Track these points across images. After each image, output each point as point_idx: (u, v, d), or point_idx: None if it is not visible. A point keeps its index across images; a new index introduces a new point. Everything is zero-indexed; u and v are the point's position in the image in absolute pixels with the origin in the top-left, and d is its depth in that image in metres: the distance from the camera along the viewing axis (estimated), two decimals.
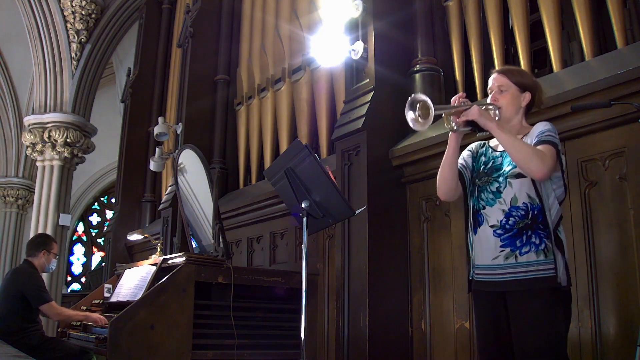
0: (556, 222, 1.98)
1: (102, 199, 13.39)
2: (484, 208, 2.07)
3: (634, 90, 2.42)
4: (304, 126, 4.77)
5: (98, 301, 4.42)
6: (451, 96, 3.67)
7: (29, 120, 7.72)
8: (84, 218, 13.27)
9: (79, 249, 13.18)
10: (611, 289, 2.47)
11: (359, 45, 3.63)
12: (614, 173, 2.54)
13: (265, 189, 4.54)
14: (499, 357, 2.04)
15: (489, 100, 2.17)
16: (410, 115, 2.01)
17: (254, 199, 4.70)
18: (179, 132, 5.59)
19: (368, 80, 3.63)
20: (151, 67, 7.61)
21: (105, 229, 8.58)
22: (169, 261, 3.63)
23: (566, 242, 2.01)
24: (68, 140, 7.51)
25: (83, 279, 12.86)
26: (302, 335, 2.47)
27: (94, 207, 13.44)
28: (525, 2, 3.30)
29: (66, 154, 7.56)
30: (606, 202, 2.55)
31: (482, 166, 2.16)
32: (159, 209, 5.99)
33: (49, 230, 7.10)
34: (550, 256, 1.94)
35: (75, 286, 12.80)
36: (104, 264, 8.48)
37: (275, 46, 5.27)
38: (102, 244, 12.48)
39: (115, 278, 4.49)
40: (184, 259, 3.43)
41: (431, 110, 1.94)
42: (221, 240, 3.72)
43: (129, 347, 3.09)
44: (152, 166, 5.74)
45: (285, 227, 4.43)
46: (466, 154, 2.24)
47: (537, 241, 1.95)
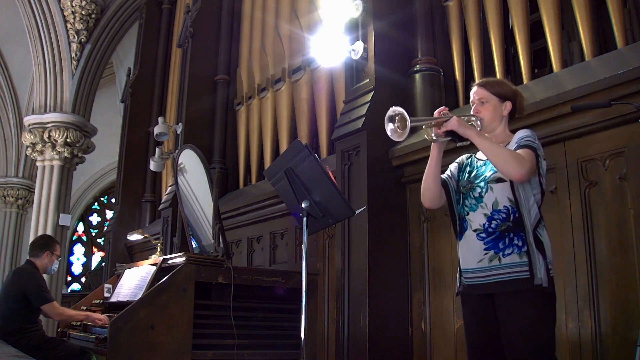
0: (534, 224, 2.02)
1: (102, 199, 13.39)
2: (468, 214, 2.14)
3: (634, 90, 2.42)
4: (304, 126, 4.77)
5: (98, 301, 4.42)
6: (451, 96, 3.74)
7: (29, 120, 7.72)
8: (84, 218, 13.27)
9: (79, 249, 13.18)
10: (611, 289, 2.46)
11: (359, 45, 3.63)
12: (614, 173, 2.54)
13: (265, 189, 4.54)
14: (488, 359, 2.07)
15: (471, 112, 2.24)
16: (389, 127, 2.11)
17: (254, 199, 4.70)
18: (179, 132, 5.60)
19: (368, 80, 3.63)
20: (151, 67, 7.61)
21: (105, 229, 8.58)
22: (169, 261, 3.63)
23: (549, 244, 2.04)
24: (68, 140, 7.51)
25: (83, 279, 12.85)
26: (302, 335, 2.47)
27: (94, 207, 13.44)
28: (525, 2, 3.30)
29: (66, 154, 7.56)
30: (606, 202, 2.55)
31: (467, 175, 2.23)
32: (159, 209, 5.99)
33: (49, 230, 7.10)
34: (532, 257, 1.97)
35: (75, 286, 12.80)
36: (104, 264, 8.47)
37: (275, 46, 5.27)
38: (102, 244, 12.48)
39: (115, 278, 4.49)
40: (184, 259, 3.43)
41: (408, 122, 2.03)
42: (221, 240, 3.71)
43: (129, 347, 3.09)
44: (152, 166, 5.74)
45: (285, 227, 4.43)
46: (453, 166, 2.32)
47: (520, 243, 2.00)
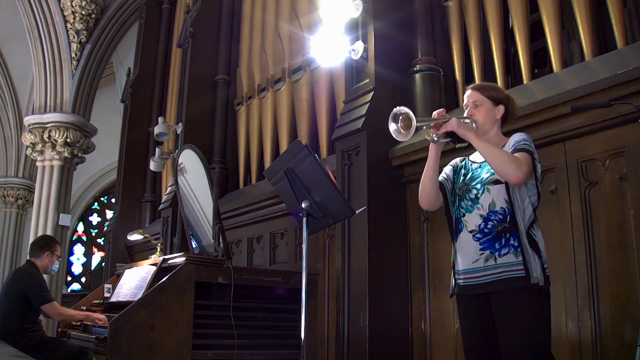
0: (528, 225, 2.04)
1: (102, 199, 13.39)
2: (463, 215, 2.15)
3: (634, 90, 2.42)
4: (304, 126, 4.77)
5: (98, 301, 4.42)
6: (451, 96, 3.74)
7: (29, 120, 7.72)
8: (84, 218, 13.27)
9: (79, 249, 13.18)
10: (611, 289, 2.46)
11: (359, 45, 3.63)
12: (614, 173, 2.54)
13: (265, 189, 4.54)
14: (485, 359, 2.08)
15: (465, 114, 2.26)
16: (392, 127, 2.13)
17: (254, 199, 4.70)
18: (179, 132, 5.60)
19: (368, 80, 3.63)
20: (151, 67, 7.61)
21: (105, 229, 8.58)
22: (169, 261, 3.63)
23: (543, 244, 2.06)
24: (68, 140, 7.50)
25: (83, 279, 12.85)
26: (302, 335, 2.47)
27: (94, 207, 13.44)
28: (525, 2, 3.30)
29: (66, 154, 7.56)
30: (606, 202, 2.55)
31: (462, 177, 2.25)
32: (159, 209, 5.99)
33: (49, 231, 7.10)
34: (527, 256, 1.99)
35: (75, 286, 12.80)
36: (104, 264, 8.47)
37: (275, 46, 5.27)
38: (102, 244, 12.48)
39: (115, 278, 4.49)
40: (184, 259, 3.43)
41: (413, 122, 2.04)
42: (221, 240, 3.71)
43: (129, 347, 3.09)
44: (152, 166, 5.74)
45: (285, 227, 4.43)
46: (448, 169, 2.34)
47: (516, 243, 2.02)
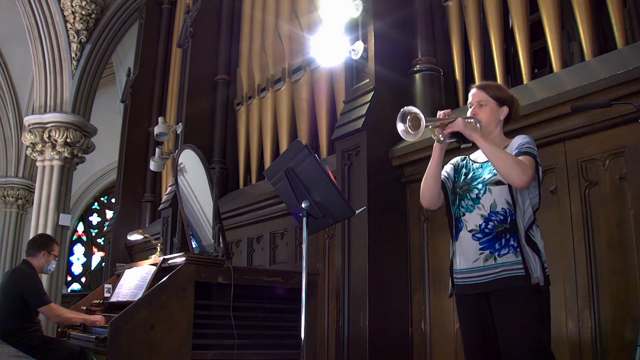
0: (527, 226, 2.05)
1: (102, 199, 13.39)
2: (463, 215, 2.16)
3: (634, 90, 2.42)
4: (304, 126, 4.77)
5: (98, 301, 4.41)
6: (451, 96, 3.73)
7: (29, 120, 7.72)
8: (84, 218, 13.27)
9: (79, 249, 13.18)
10: (611, 289, 2.46)
11: (359, 45, 3.63)
12: (614, 173, 2.54)
13: (265, 189, 4.54)
14: (485, 358, 2.08)
15: (468, 114, 2.25)
16: (400, 127, 2.12)
17: (254, 199, 4.70)
18: (179, 132, 5.60)
19: (368, 80, 3.63)
20: (151, 67, 7.61)
21: (105, 229, 8.58)
22: (169, 261, 3.62)
23: (542, 244, 2.06)
24: (68, 140, 7.51)
25: (83, 279, 12.85)
26: (302, 335, 2.47)
27: (94, 207, 13.44)
28: (525, 2, 3.30)
29: (66, 154, 7.56)
30: (606, 202, 2.55)
31: (463, 177, 2.25)
32: (159, 209, 5.99)
33: (49, 230, 7.09)
34: (526, 256, 2.00)
35: (75, 286, 12.80)
36: (104, 264, 8.48)
37: (275, 46, 5.27)
38: (102, 244, 12.48)
39: (115, 278, 4.49)
40: (184, 259, 3.43)
41: (422, 122, 2.04)
42: (221, 240, 3.71)
43: (129, 347, 3.09)
44: (152, 166, 5.74)
45: (285, 227, 4.43)
46: (449, 167, 2.34)
47: (515, 244, 2.03)
